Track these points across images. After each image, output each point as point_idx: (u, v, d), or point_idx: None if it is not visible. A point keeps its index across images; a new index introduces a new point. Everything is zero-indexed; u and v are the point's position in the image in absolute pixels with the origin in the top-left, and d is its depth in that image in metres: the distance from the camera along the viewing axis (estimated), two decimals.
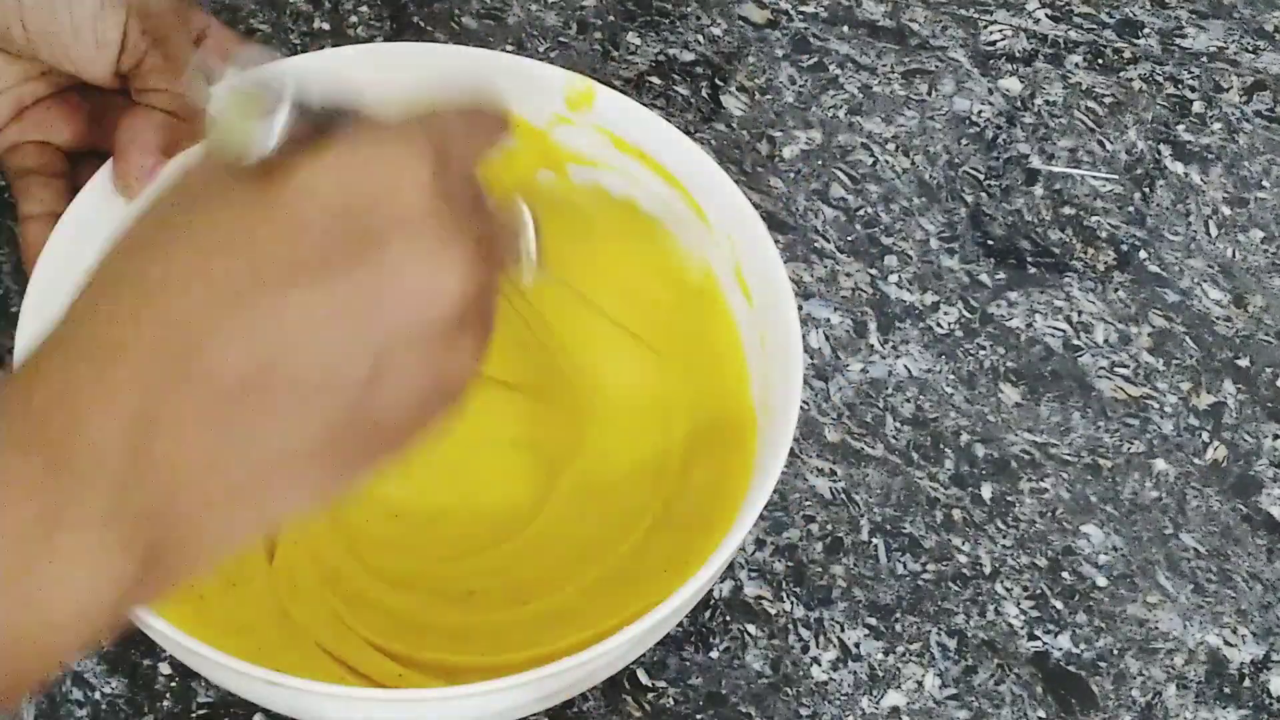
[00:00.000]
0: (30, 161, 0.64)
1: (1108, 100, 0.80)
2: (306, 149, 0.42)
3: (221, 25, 0.65)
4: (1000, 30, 0.82)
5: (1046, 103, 0.80)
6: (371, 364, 0.41)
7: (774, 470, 0.57)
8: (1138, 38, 0.82)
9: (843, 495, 0.69)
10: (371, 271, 0.41)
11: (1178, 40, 0.82)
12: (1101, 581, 0.67)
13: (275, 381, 0.40)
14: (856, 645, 0.65)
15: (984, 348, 0.73)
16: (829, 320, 0.73)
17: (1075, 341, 0.73)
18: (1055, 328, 0.73)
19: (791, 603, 0.66)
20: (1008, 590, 0.67)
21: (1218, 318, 0.74)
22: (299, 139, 0.41)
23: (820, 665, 0.65)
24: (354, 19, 0.80)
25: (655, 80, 0.79)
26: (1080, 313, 0.74)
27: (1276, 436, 0.71)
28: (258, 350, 0.40)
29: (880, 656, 0.65)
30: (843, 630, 0.66)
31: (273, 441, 0.41)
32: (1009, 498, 0.69)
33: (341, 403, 0.41)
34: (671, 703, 0.64)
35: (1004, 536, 0.68)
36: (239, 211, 0.41)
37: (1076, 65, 0.81)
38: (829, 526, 0.68)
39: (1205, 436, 0.71)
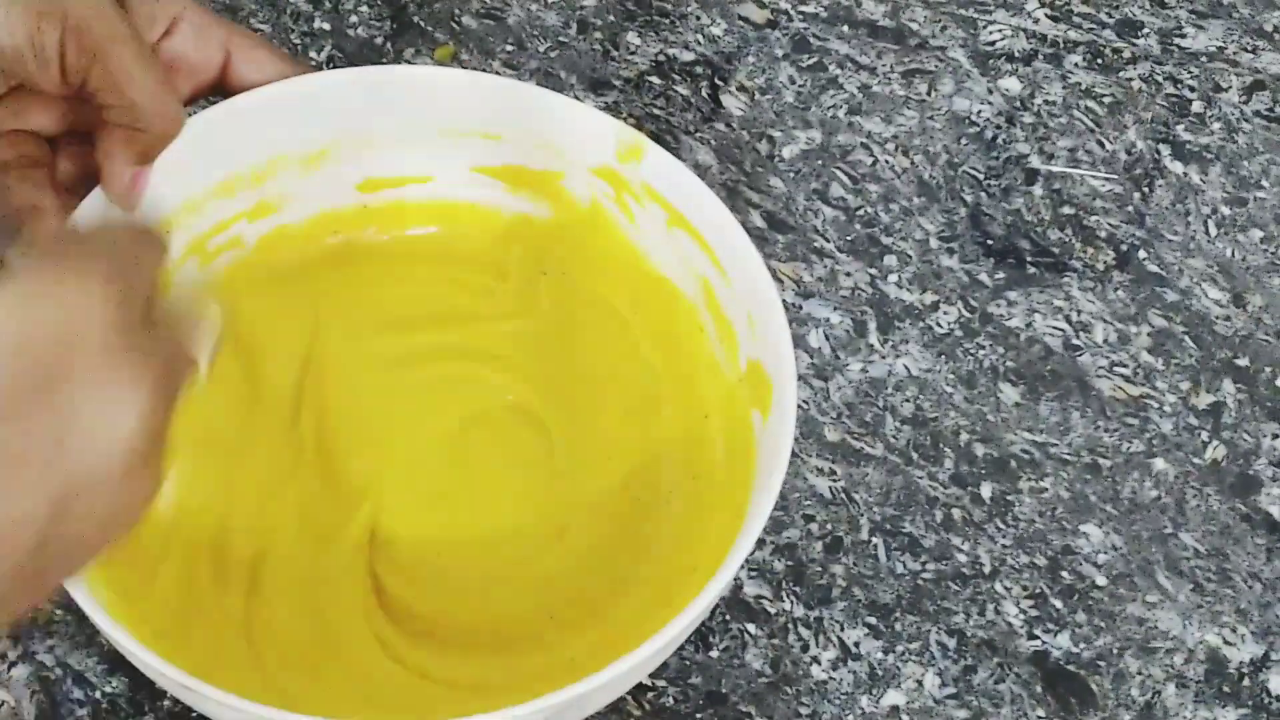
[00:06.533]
0: (5, 154, 0.63)
1: (1107, 100, 0.80)
2: None
3: (199, 9, 0.63)
4: (999, 30, 0.82)
5: (1046, 102, 0.80)
6: (51, 509, 0.42)
7: (764, 508, 0.56)
8: (1137, 37, 0.82)
9: (842, 495, 0.69)
10: (50, 416, 0.41)
11: (1177, 40, 0.82)
12: (1101, 581, 0.67)
13: None
14: (856, 644, 0.65)
15: (983, 347, 0.73)
16: (829, 320, 0.73)
17: (1075, 341, 0.73)
18: (1055, 327, 0.73)
19: (791, 602, 0.66)
20: (1007, 589, 0.67)
21: (1217, 317, 0.74)
22: None
23: (820, 664, 0.65)
24: (354, 18, 0.80)
25: (655, 80, 0.79)
26: (1080, 312, 0.74)
27: (1276, 436, 0.71)
28: None
29: (880, 656, 0.65)
30: (842, 629, 0.66)
31: None
32: (1008, 497, 0.69)
33: (21, 549, 0.42)
34: (671, 702, 0.64)
35: (1003, 536, 0.68)
36: None
37: (1076, 65, 0.81)
38: (829, 526, 0.68)
39: (1205, 436, 0.71)
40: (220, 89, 0.64)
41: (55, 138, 0.63)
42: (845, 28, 0.81)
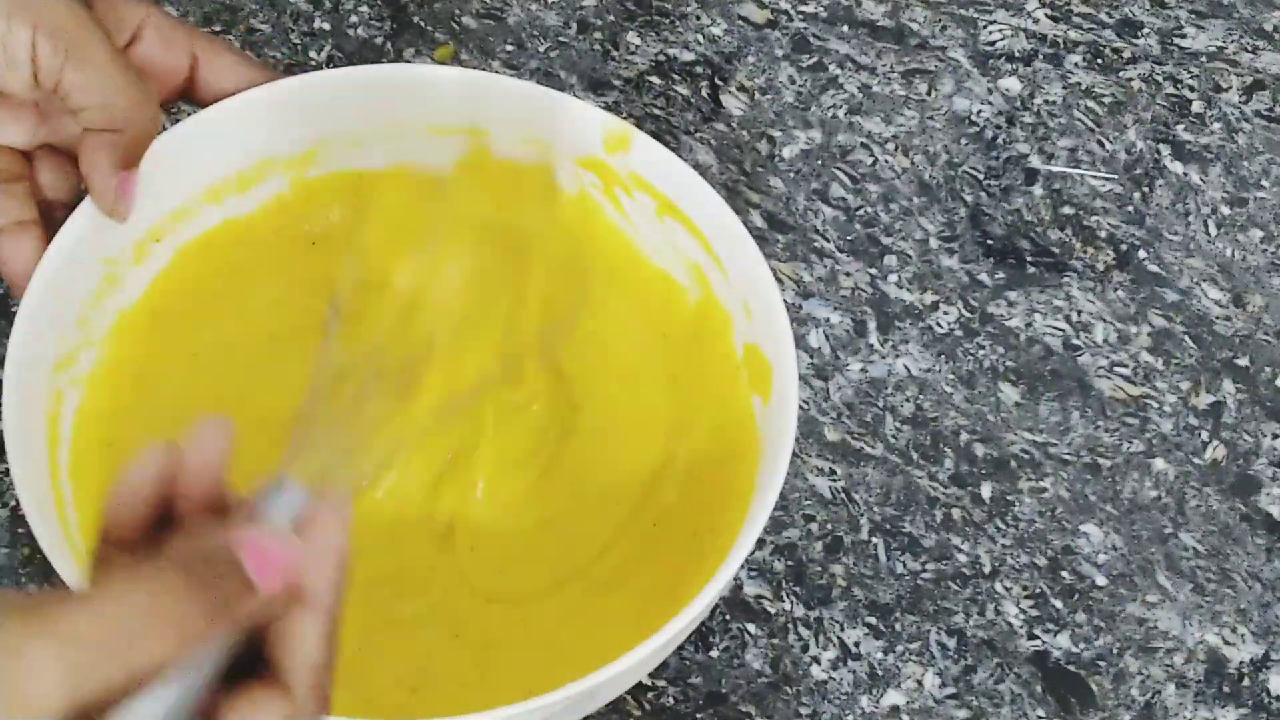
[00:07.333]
0: None
1: (1107, 100, 0.80)
2: None
3: (164, 15, 0.63)
4: (1000, 30, 0.82)
5: (1046, 102, 0.80)
6: None
7: (767, 504, 0.56)
8: (1137, 37, 0.82)
9: (842, 494, 0.69)
10: None
11: (1177, 40, 0.82)
12: (1101, 581, 0.67)
13: None
14: (856, 644, 0.66)
15: (983, 347, 0.73)
16: (829, 320, 0.73)
17: (1075, 341, 0.73)
18: (1055, 327, 0.73)
19: (791, 602, 0.66)
20: (1007, 589, 0.67)
21: (1217, 317, 0.74)
22: None
23: (820, 664, 0.65)
24: (354, 18, 0.80)
25: (655, 80, 0.79)
26: (1080, 312, 0.74)
27: (1276, 436, 0.71)
28: None
29: (880, 656, 0.65)
30: (842, 629, 0.66)
31: None
32: (1008, 497, 0.69)
33: None
34: (671, 701, 0.64)
35: (1003, 536, 0.68)
36: None
37: (1076, 65, 0.81)
38: (829, 526, 0.68)
39: (1205, 436, 0.71)
40: (188, 94, 0.63)
41: (30, 154, 0.62)
42: (845, 28, 0.81)
